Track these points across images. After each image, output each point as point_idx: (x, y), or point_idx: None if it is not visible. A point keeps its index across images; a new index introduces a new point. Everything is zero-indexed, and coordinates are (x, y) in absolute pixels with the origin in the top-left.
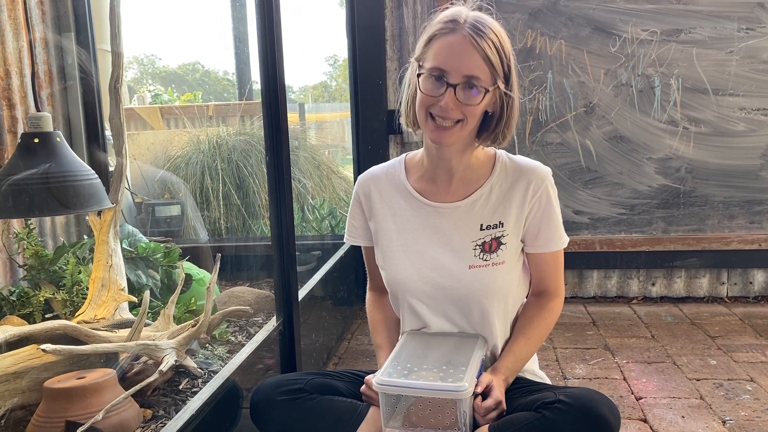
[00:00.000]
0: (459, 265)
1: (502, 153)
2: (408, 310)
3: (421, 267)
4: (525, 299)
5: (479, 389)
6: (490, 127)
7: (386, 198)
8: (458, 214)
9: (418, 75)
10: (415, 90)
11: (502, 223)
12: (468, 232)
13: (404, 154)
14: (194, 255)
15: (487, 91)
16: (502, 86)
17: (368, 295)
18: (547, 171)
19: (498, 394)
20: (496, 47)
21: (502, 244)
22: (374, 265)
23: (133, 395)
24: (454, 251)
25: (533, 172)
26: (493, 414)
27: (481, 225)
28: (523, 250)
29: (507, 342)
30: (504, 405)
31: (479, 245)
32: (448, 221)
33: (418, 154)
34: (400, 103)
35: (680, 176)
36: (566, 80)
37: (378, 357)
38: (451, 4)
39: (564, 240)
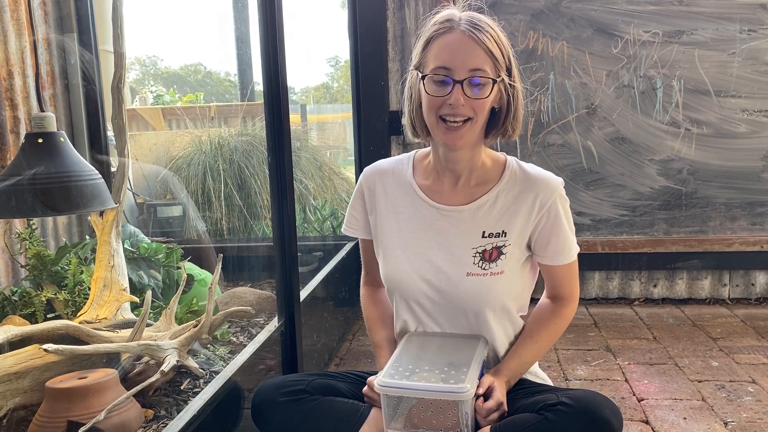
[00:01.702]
0: (456, 271)
1: (512, 160)
2: (404, 309)
3: (419, 268)
4: (528, 303)
5: (481, 390)
6: (498, 124)
7: (390, 194)
8: (461, 218)
9: (423, 78)
10: (419, 98)
11: (506, 233)
12: (469, 238)
13: (414, 151)
14: (196, 255)
15: (494, 82)
16: (506, 78)
17: (363, 290)
18: (557, 183)
19: (499, 395)
20: (495, 40)
21: (503, 254)
22: (371, 260)
23: (135, 395)
24: (453, 256)
25: (542, 184)
26: (495, 415)
27: (483, 232)
28: (530, 257)
29: (511, 345)
30: (505, 406)
31: (479, 253)
32: (450, 224)
33: (427, 152)
34: (403, 114)
35: (682, 178)
36: (568, 81)
37: (377, 356)
38: (445, 6)
39: (573, 253)
